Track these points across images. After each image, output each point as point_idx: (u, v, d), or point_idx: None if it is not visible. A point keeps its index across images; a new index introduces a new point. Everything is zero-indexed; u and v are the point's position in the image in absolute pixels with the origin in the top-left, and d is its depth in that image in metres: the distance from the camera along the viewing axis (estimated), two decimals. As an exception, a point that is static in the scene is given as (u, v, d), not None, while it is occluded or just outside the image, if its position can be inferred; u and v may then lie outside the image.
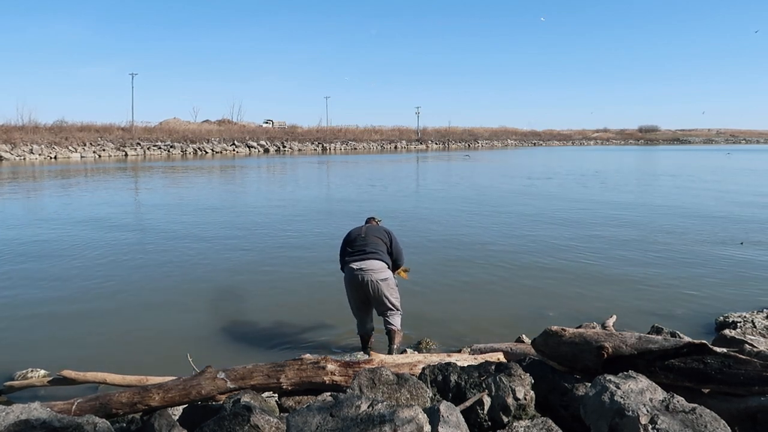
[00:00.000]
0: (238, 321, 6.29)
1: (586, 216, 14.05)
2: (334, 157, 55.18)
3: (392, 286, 5.22)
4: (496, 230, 12.06)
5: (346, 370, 3.64)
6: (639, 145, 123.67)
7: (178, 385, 3.44)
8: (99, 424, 2.75)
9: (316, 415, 2.36)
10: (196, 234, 11.72)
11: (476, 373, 3.24)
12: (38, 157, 46.77)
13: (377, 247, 5.25)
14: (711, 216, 13.92)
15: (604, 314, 5.99)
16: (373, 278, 5.07)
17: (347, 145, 79.23)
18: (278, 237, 11.40)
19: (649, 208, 15.72)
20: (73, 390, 4.27)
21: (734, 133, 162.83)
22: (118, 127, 65.10)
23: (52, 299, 7.13)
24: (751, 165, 40.63)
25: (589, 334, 3.22)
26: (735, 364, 2.83)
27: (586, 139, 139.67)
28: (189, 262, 9.17)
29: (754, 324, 5.47)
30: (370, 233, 5.40)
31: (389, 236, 5.44)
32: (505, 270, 8.45)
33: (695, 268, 8.48)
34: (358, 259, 5.14)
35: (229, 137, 68.86)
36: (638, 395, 2.49)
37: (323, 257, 9.35)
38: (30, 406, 2.82)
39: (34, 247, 10.31)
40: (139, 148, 57.23)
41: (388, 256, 5.31)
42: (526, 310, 6.55)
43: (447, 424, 2.43)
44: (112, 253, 9.76)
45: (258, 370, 3.60)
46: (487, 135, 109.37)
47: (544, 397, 3.13)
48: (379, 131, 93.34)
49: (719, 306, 6.51)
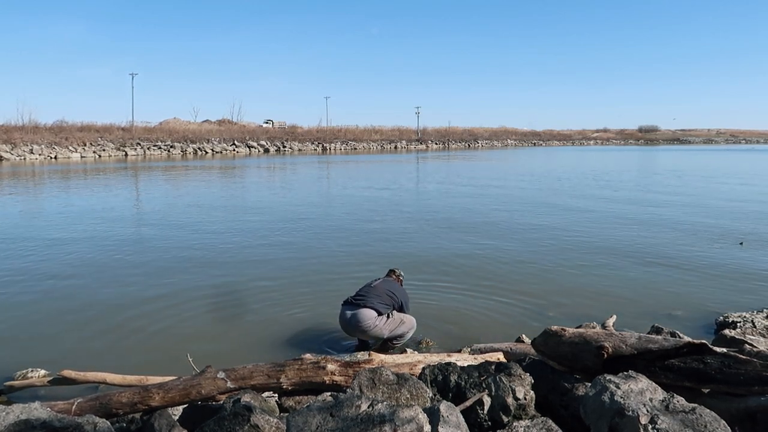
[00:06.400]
0: (238, 321, 6.29)
1: (586, 216, 14.04)
2: (335, 157, 55.16)
3: (385, 326, 5.25)
4: (497, 230, 12.06)
5: (346, 370, 3.64)
6: (639, 145, 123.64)
7: (178, 385, 3.44)
8: (99, 424, 2.75)
9: (316, 415, 2.36)
10: (196, 234, 11.72)
11: (476, 373, 3.24)
12: (38, 157, 46.75)
13: (379, 299, 5.31)
14: (711, 216, 13.92)
15: (604, 314, 5.99)
16: (361, 329, 5.22)
17: (347, 145, 79.20)
18: (278, 237, 11.41)
19: (650, 208, 15.72)
20: (73, 390, 4.27)
21: (734, 133, 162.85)
22: (118, 127, 65.08)
23: (53, 299, 7.13)
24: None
25: (589, 334, 3.22)
26: (735, 364, 2.83)
27: (585, 139, 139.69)
28: (189, 262, 9.17)
29: (754, 324, 5.47)
30: (382, 286, 5.49)
31: (400, 298, 5.49)
32: (505, 270, 8.44)
33: (695, 267, 8.48)
34: (352, 308, 5.30)
35: (229, 137, 68.85)
36: (638, 395, 2.49)
37: (324, 257, 9.37)
38: (30, 406, 2.82)
39: (33, 247, 10.31)
40: (139, 148, 57.20)
41: (387, 307, 5.33)
42: (526, 310, 6.55)
43: (447, 424, 2.43)
44: (112, 253, 9.76)
45: (258, 370, 3.61)
46: (487, 135, 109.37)
47: (544, 397, 3.13)
48: (379, 131, 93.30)
49: (719, 306, 6.51)
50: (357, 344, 5.50)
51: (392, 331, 5.26)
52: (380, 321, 5.21)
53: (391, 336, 5.29)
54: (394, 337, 5.31)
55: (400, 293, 5.53)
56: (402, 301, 5.47)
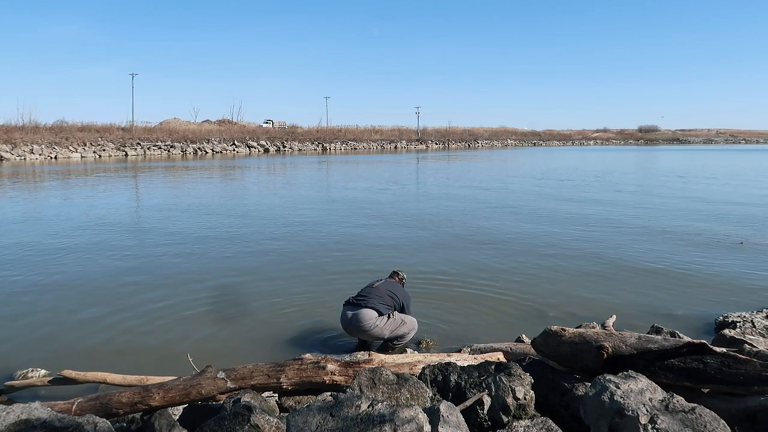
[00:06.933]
0: (238, 321, 6.29)
1: (586, 216, 14.04)
2: (335, 157, 55.15)
3: (386, 326, 5.25)
4: (497, 230, 12.06)
5: (346, 370, 3.64)
6: (639, 145, 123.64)
7: (179, 385, 3.44)
8: (99, 424, 2.75)
9: (316, 415, 2.36)
10: (196, 234, 11.72)
11: (476, 373, 3.24)
12: (38, 157, 46.74)
13: (381, 299, 5.32)
14: (711, 215, 13.92)
15: (604, 314, 5.99)
16: (362, 329, 5.22)
17: (347, 145, 79.19)
18: (278, 237, 11.40)
19: (650, 208, 15.72)
20: (73, 390, 4.27)
21: (734, 133, 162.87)
22: (118, 127, 65.08)
23: (53, 299, 7.13)
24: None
25: (588, 334, 3.23)
26: (734, 364, 2.83)
27: (585, 139, 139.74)
28: (189, 262, 9.17)
29: (754, 324, 5.47)
30: (383, 287, 5.49)
31: (402, 299, 5.49)
32: (505, 270, 8.44)
33: (695, 267, 8.48)
34: (353, 308, 5.31)
35: (229, 137, 68.85)
36: (638, 395, 2.49)
37: (324, 257, 9.36)
38: (30, 406, 2.82)
39: (33, 248, 10.31)
40: (140, 148, 57.18)
41: (389, 308, 5.34)
42: (526, 310, 6.55)
43: (447, 423, 2.43)
44: (112, 254, 9.76)
45: (258, 370, 3.61)
46: (487, 135, 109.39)
47: (544, 397, 3.13)
48: (379, 131, 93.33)
49: (719, 306, 6.52)
50: (357, 344, 5.51)
51: (393, 331, 5.27)
52: (381, 321, 5.21)
53: (392, 336, 5.29)
54: (395, 337, 5.32)
55: (402, 294, 5.53)
56: (403, 302, 5.48)
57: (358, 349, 5.36)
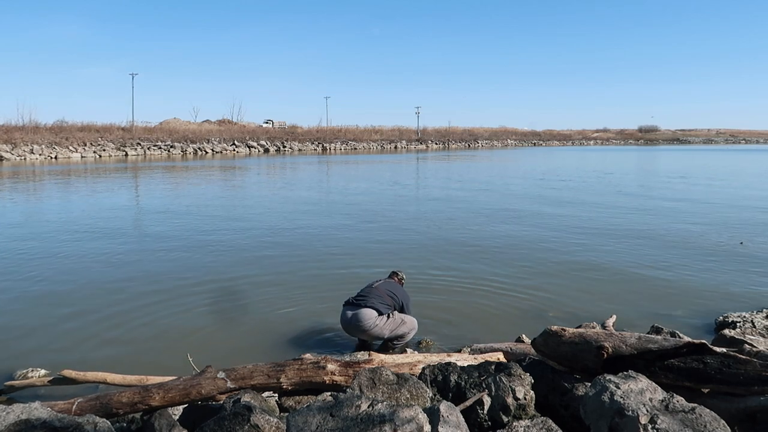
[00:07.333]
0: (238, 321, 6.29)
1: (586, 216, 14.04)
2: (335, 157, 55.14)
3: (386, 326, 5.25)
4: (496, 230, 12.06)
5: (346, 370, 3.64)
6: (639, 145, 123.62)
7: (179, 385, 3.44)
8: (99, 424, 2.75)
9: (316, 415, 2.36)
10: (196, 234, 11.71)
11: (476, 373, 3.24)
12: (38, 157, 46.73)
13: (380, 299, 5.32)
14: (711, 216, 13.92)
15: (604, 314, 5.99)
16: (361, 328, 5.22)
17: (347, 145, 79.18)
18: (278, 237, 11.40)
19: (650, 208, 15.72)
20: (73, 390, 4.27)
21: (734, 133, 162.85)
22: (118, 127, 65.07)
23: (53, 299, 7.13)
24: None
25: (589, 334, 3.23)
26: (734, 364, 2.83)
27: (585, 139, 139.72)
28: (189, 262, 9.17)
29: (754, 324, 5.47)
30: (383, 287, 5.50)
31: (401, 299, 5.50)
32: (505, 270, 8.44)
33: (695, 267, 8.48)
34: (353, 308, 5.32)
35: (229, 137, 68.84)
36: (638, 395, 2.49)
37: (324, 257, 9.36)
38: (30, 406, 2.82)
39: (33, 248, 10.31)
40: (140, 148, 57.18)
41: (388, 307, 5.34)
42: (526, 310, 6.55)
43: (447, 423, 2.43)
44: (112, 253, 9.76)
45: (258, 370, 3.61)
46: (487, 135, 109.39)
47: (544, 397, 3.13)
48: (379, 131, 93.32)
49: (719, 306, 6.51)
50: (357, 344, 5.51)
51: (393, 331, 5.27)
52: (381, 321, 5.21)
53: (392, 336, 5.29)
54: (395, 337, 5.32)
55: (401, 294, 5.54)
56: (403, 302, 5.48)
57: (358, 349, 5.36)
